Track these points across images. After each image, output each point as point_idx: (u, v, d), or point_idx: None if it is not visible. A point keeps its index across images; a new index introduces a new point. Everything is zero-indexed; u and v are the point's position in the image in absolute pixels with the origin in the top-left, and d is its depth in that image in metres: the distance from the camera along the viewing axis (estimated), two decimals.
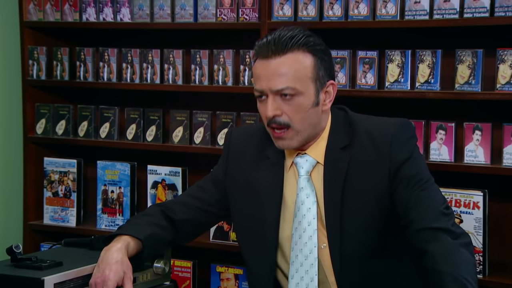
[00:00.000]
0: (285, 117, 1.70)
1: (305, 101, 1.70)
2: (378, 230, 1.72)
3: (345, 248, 1.70)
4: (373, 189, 1.72)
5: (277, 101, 1.69)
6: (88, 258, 1.89)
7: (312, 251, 1.72)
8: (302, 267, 1.73)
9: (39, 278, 1.72)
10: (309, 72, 1.69)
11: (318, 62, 1.71)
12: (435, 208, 1.69)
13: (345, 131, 1.76)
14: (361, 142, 1.74)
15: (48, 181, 2.95)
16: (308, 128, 1.72)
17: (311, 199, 1.74)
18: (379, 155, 1.72)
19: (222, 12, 2.67)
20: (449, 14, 2.36)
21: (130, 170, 2.83)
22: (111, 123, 2.90)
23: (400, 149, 1.72)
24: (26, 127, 2.99)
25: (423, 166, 1.76)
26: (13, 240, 2.84)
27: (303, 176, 1.76)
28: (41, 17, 2.95)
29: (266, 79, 1.69)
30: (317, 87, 1.71)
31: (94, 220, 2.89)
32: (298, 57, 1.69)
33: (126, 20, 2.83)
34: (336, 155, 1.74)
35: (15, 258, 1.83)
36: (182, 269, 2.77)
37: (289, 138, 1.71)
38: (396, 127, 1.74)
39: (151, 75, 2.80)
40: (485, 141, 2.34)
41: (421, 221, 1.67)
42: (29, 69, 2.98)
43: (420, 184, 1.71)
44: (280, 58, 1.68)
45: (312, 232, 1.72)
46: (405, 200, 1.70)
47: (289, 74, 1.68)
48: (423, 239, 1.66)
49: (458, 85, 2.37)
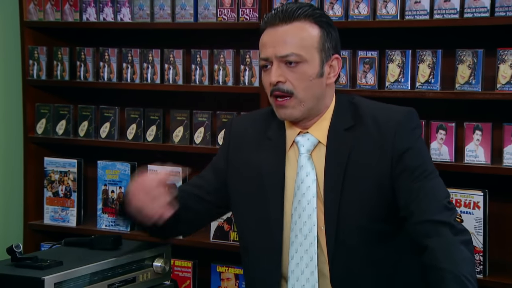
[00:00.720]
0: (289, 85, 1.69)
1: (310, 70, 1.70)
2: (376, 216, 1.70)
3: (340, 231, 1.69)
4: (374, 175, 1.70)
5: (282, 68, 1.69)
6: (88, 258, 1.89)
7: (311, 230, 1.70)
8: (301, 247, 1.71)
9: (39, 278, 1.72)
10: (315, 41, 1.70)
11: (324, 34, 1.71)
12: (437, 201, 1.67)
13: (349, 113, 1.75)
14: (365, 125, 1.73)
15: (49, 181, 2.95)
16: (312, 99, 1.71)
17: (311, 177, 1.72)
18: (383, 141, 1.70)
19: (222, 12, 2.67)
20: (450, 14, 2.36)
21: (131, 170, 2.83)
22: (111, 123, 2.90)
23: (404, 138, 1.71)
24: (27, 127, 2.99)
25: (427, 157, 1.75)
26: (14, 239, 2.84)
27: (303, 154, 1.74)
28: (42, 17, 2.96)
29: (272, 45, 1.70)
30: (322, 58, 1.71)
31: (94, 220, 2.89)
32: (305, 26, 1.70)
33: (126, 20, 2.83)
34: (339, 136, 1.72)
35: (16, 258, 1.83)
36: (183, 268, 2.77)
37: (291, 106, 1.70)
38: (402, 115, 1.73)
39: (152, 75, 2.80)
40: (485, 141, 2.34)
41: (422, 213, 1.66)
42: (29, 69, 2.98)
43: (423, 175, 1.69)
44: (287, 25, 1.70)
45: (311, 211, 1.71)
46: (407, 191, 1.68)
47: (295, 41, 1.69)
48: (423, 233, 1.65)
49: (458, 85, 2.37)
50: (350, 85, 2.52)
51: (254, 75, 2.63)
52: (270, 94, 1.72)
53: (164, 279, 2.02)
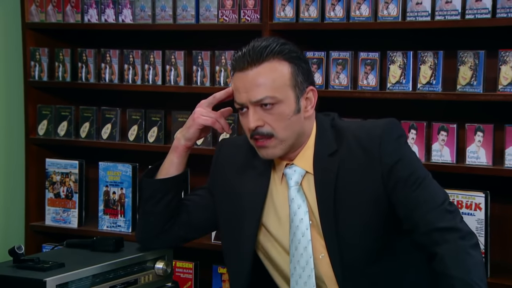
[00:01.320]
0: (268, 127, 1.69)
1: (286, 109, 1.69)
2: (378, 234, 1.70)
3: (345, 256, 1.69)
4: (366, 194, 1.70)
5: (258, 112, 1.69)
6: (90, 259, 1.89)
7: (308, 262, 1.71)
8: (300, 279, 1.72)
9: (41, 280, 1.72)
10: (287, 79, 1.69)
11: (295, 69, 1.70)
12: (438, 207, 1.67)
13: (332, 137, 1.75)
14: (349, 147, 1.72)
15: (50, 182, 2.95)
16: (292, 136, 1.71)
17: (303, 210, 1.73)
18: (369, 158, 1.70)
19: (223, 13, 2.67)
20: (451, 15, 2.36)
21: (132, 171, 2.83)
22: (112, 124, 2.90)
23: (390, 151, 1.70)
24: (28, 128, 2.99)
25: (416, 163, 1.74)
26: (15, 241, 2.84)
27: (293, 187, 1.74)
28: (43, 18, 2.96)
29: (244, 91, 1.69)
30: (297, 93, 1.70)
31: (95, 221, 2.89)
32: (275, 66, 1.68)
33: (127, 21, 2.83)
34: (324, 162, 1.73)
35: (17, 259, 1.83)
36: (184, 270, 2.77)
37: (272, 146, 1.70)
38: (383, 129, 1.73)
39: (153, 76, 2.80)
40: (487, 142, 2.34)
41: (427, 223, 1.65)
42: (31, 70, 2.98)
43: (417, 183, 1.69)
44: (257, 68, 1.68)
45: (307, 243, 1.72)
46: (405, 202, 1.69)
47: (267, 84, 1.67)
48: (431, 242, 1.64)
49: (459, 86, 2.37)
50: (352, 86, 2.52)
51: None
52: (250, 137, 1.73)
53: (166, 281, 2.02)
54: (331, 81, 2.53)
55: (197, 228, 1.93)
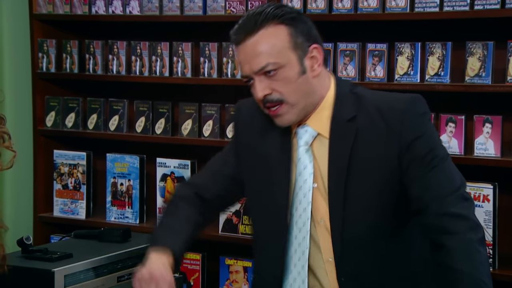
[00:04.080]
0: (276, 94, 1.66)
1: (290, 72, 1.66)
2: (384, 210, 1.66)
3: (346, 225, 1.65)
4: (380, 166, 1.65)
5: (263, 80, 1.66)
6: (97, 250, 1.90)
7: (305, 223, 1.68)
8: (296, 240, 1.70)
9: (49, 270, 1.73)
10: (286, 42, 1.66)
11: (293, 30, 1.66)
12: (454, 191, 1.62)
13: (351, 102, 1.70)
14: (369, 116, 1.67)
15: (58, 173, 2.96)
16: (302, 98, 1.68)
17: (308, 171, 1.69)
18: (389, 131, 1.65)
19: (231, 4, 2.67)
20: (460, 6, 2.34)
21: (139, 163, 2.83)
22: (120, 115, 2.90)
23: (412, 126, 1.65)
24: (36, 120, 3.00)
25: (437, 142, 1.69)
26: (24, 232, 2.85)
27: (302, 147, 1.71)
28: (51, 10, 2.96)
29: (246, 62, 1.67)
30: (299, 54, 1.67)
31: (103, 212, 2.90)
32: (271, 31, 1.66)
33: (135, 12, 2.83)
34: (341, 127, 1.68)
35: (26, 250, 1.85)
36: (191, 261, 2.78)
37: (285, 112, 1.68)
38: (408, 103, 1.68)
39: (160, 68, 2.80)
40: (495, 133, 2.33)
41: (439, 206, 1.61)
42: (38, 62, 2.99)
43: (435, 162, 1.63)
44: (253, 37, 1.66)
45: (306, 204, 1.69)
46: (419, 180, 1.63)
47: (266, 51, 1.65)
48: (440, 228, 1.60)
49: (468, 78, 2.36)
50: (359, 78, 2.51)
51: None
52: (263, 107, 1.70)
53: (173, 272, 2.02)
54: (339, 73, 2.52)
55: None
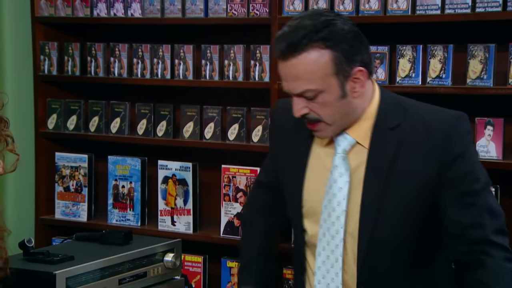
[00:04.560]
0: (314, 114, 1.64)
1: (330, 97, 1.62)
2: (414, 223, 1.64)
3: (376, 237, 1.64)
4: (418, 179, 1.63)
5: (302, 101, 1.64)
6: (99, 253, 1.90)
7: (339, 231, 1.67)
8: (328, 246, 1.69)
9: (51, 272, 1.73)
10: (328, 68, 1.61)
11: (336, 56, 1.61)
12: (496, 222, 1.63)
13: (396, 112, 1.67)
14: (413, 126, 1.65)
15: (60, 176, 2.96)
16: (341, 119, 1.65)
17: (344, 179, 1.67)
18: (432, 144, 1.62)
19: (232, 7, 2.67)
20: (461, 9, 2.34)
21: (141, 165, 2.83)
22: (122, 118, 2.90)
23: (456, 143, 1.63)
24: (38, 122, 3.00)
25: (478, 165, 1.67)
26: (25, 234, 2.85)
27: (339, 154, 1.69)
28: (53, 12, 2.96)
29: (286, 80, 1.65)
30: (341, 80, 1.62)
31: (105, 215, 2.90)
32: (313, 56, 1.60)
33: (136, 15, 2.83)
34: (383, 136, 1.65)
35: (27, 252, 1.85)
36: (193, 263, 2.78)
37: (322, 129, 1.66)
38: (454, 119, 1.65)
39: (162, 70, 2.80)
40: (497, 136, 2.33)
41: (480, 234, 1.61)
42: (40, 65, 2.99)
43: (476, 185, 1.62)
44: (295, 59, 1.60)
45: (340, 213, 1.67)
46: (458, 203, 1.61)
47: (306, 77, 1.61)
48: (478, 251, 1.61)
49: (470, 80, 2.36)
50: None
51: (264, 70, 2.63)
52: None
53: (175, 274, 2.03)
54: None
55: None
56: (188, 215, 2.75)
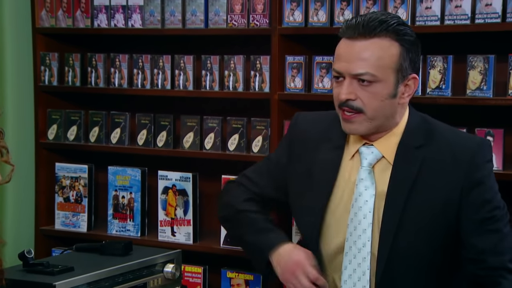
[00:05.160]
0: (359, 102, 1.64)
1: (383, 90, 1.63)
2: (433, 243, 1.66)
3: (394, 252, 1.64)
4: (440, 199, 1.64)
5: (354, 85, 1.63)
6: (99, 264, 1.90)
7: (366, 244, 1.67)
8: (355, 259, 1.68)
9: (50, 284, 1.73)
10: (392, 61, 1.62)
11: (404, 53, 1.63)
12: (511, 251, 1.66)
13: (422, 132, 1.69)
14: (438, 147, 1.67)
15: (60, 186, 2.96)
16: (381, 118, 1.66)
17: (370, 192, 1.67)
18: (456, 166, 1.64)
19: (232, 18, 2.68)
20: (461, 20, 2.35)
21: (141, 176, 2.83)
22: (122, 128, 2.91)
23: (479, 169, 1.65)
24: (38, 133, 3.00)
25: (498, 193, 1.71)
26: (25, 245, 2.85)
27: (364, 167, 1.69)
28: (53, 23, 2.97)
29: (346, 60, 1.63)
30: (398, 78, 1.64)
31: (105, 225, 2.90)
32: (384, 44, 1.62)
33: (137, 26, 2.84)
34: (408, 153, 1.66)
35: (27, 263, 1.84)
36: (193, 274, 2.77)
37: (358, 122, 1.65)
38: (479, 145, 1.68)
39: (162, 81, 2.81)
40: (497, 147, 2.33)
41: (498, 261, 1.63)
42: (41, 75, 3.00)
43: (496, 213, 1.65)
44: (366, 41, 1.61)
45: (367, 226, 1.67)
46: (478, 229, 1.64)
47: (371, 60, 1.61)
48: (495, 275, 1.63)
49: (469, 91, 2.36)
50: None
51: (264, 81, 2.63)
52: (338, 106, 1.67)
53: (175, 285, 2.02)
54: None
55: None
56: (188, 226, 2.74)
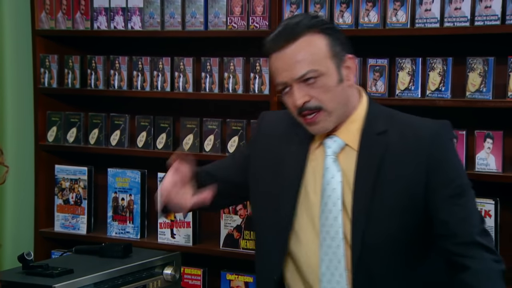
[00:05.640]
0: (315, 101, 1.68)
1: (330, 80, 1.68)
2: (405, 225, 1.68)
3: (368, 237, 1.67)
4: (407, 183, 1.67)
5: (302, 87, 1.67)
6: (98, 266, 1.90)
7: (338, 232, 1.69)
8: (330, 249, 1.70)
9: (50, 286, 1.73)
10: (325, 51, 1.68)
11: (331, 39, 1.70)
12: (480, 223, 1.69)
13: (383, 118, 1.74)
14: (401, 131, 1.71)
15: (59, 188, 2.96)
16: (339, 106, 1.70)
17: (336, 179, 1.71)
18: (419, 148, 1.68)
19: (232, 20, 2.68)
20: (460, 22, 2.35)
21: (141, 178, 2.83)
22: (121, 130, 2.91)
23: (442, 148, 1.69)
24: (38, 135, 3.00)
25: (463, 169, 1.75)
26: (25, 247, 2.85)
27: (329, 156, 1.73)
28: (53, 25, 2.98)
29: (286, 69, 1.68)
30: (337, 63, 1.70)
31: (104, 227, 2.90)
32: (311, 39, 1.68)
33: (137, 28, 2.84)
34: (371, 140, 1.71)
35: (27, 266, 1.84)
36: (192, 276, 2.77)
37: (322, 120, 1.69)
38: (440, 126, 1.73)
39: (162, 83, 2.81)
40: (496, 149, 2.33)
41: (468, 235, 1.65)
42: (40, 77, 3.00)
43: (461, 189, 1.68)
44: (294, 44, 1.67)
45: (337, 213, 1.69)
46: (446, 205, 1.67)
47: (307, 58, 1.67)
48: (467, 253, 1.65)
49: (469, 93, 2.36)
50: None
51: (264, 83, 2.63)
52: (298, 114, 1.71)
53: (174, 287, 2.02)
54: None
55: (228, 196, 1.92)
56: (188, 228, 2.74)
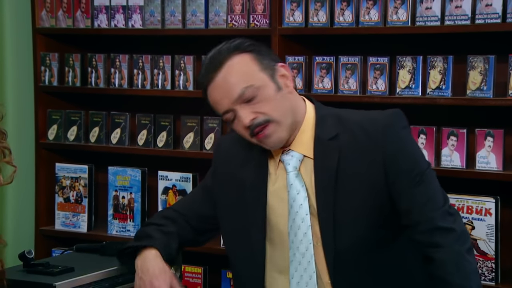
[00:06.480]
0: (261, 116, 1.70)
1: (267, 91, 1.70)
2: (373, 224, 1.69)
3: (339, 243, 1.68)
4: (366, 182, 1.69)
5: (246, 108, 1.70)
6: (99, 264, 1.90)
7: (308, 248, 1.70)
8: (300, 266, 1.71)
9: (51, 284, 1.73)
10: (253, 66, 1.71)
11: (255, 55, 1.73)
12: (441, 206, 1.69)
13: (332, 122, 1.74)
14: (352, 132, 1.72)
15: (60, 186, 2.96)
16: (286, 114, 1.71)
17: (302, 195, 1.72)
18: (372, 146, 1.69)
19: (233, 18, 2.68)
20: (461, 20, 2.35)
21: (141, 176, 2.83)
22: (122, 129, 2.91)
23: (394, 139, 1.70)
24: (38, 133, 3.00)
25: (420, 155, 1.75)
26: (25, 245, 2.85)
27: (291, 172, 1.73)
28: (53, 23, 2.97)
29: (223, 96, 1.71)
30: (270, 74, 1.72)
31: (105, 225, 2.90)
32: (237, 61, 1.71)
33: (137, 26, 2.84)
34: (324, 147, 1.72)
35: (27, 264, 1.84)
36: (193, 275, 2.77)
37: (273, 131, 1.70)
38: (389, 117, 1.73)
39: (162, 81, 2.81)
40: (497, 147, 2.33)
41: (428, 221, 1.66)
42: (41, 75, 3.00)
43: (420, 176, 1.69)
44: (222, 71, 1.71)
45: (306, 229, 1.71)
46: (406, 196, 1.68)
47: (239, 78, 1.70)
48: (430, 242, 1.66)
49: (469, 91, 2.36)
50: (361, 91, 2.51)
51: None
52: (250, 136, 1.72)
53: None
54: (340, 86, 2.53)
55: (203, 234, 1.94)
56: None
